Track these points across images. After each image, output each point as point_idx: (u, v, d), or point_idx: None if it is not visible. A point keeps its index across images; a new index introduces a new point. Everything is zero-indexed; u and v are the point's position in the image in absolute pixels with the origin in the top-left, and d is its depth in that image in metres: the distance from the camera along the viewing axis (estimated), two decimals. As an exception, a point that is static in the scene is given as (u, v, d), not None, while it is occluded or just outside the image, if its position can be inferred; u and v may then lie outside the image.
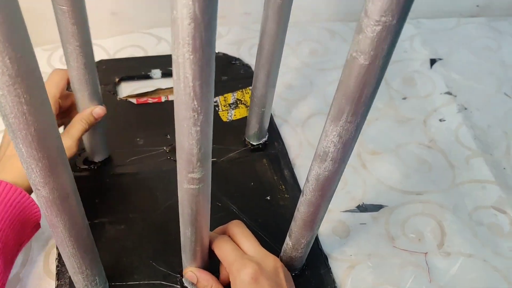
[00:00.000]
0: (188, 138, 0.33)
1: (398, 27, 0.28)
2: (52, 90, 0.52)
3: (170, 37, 0.84)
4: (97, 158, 0.60)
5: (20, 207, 0.45)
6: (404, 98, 0.76)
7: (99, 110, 0.53)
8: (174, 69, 0.29)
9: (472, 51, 0.87)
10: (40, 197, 0.34)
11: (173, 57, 0.28)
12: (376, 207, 0.60)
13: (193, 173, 0.36)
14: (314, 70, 0.80)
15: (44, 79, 0.76)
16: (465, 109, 0.75)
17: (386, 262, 0.55)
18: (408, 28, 0.90)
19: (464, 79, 0.81)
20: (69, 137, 0.51)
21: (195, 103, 0.30)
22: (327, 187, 0.39)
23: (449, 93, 0.78)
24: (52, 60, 0.77)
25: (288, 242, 0.48)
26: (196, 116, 0.31)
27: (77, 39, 0.47)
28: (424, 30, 0.90)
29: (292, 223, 0.46)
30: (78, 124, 0.52)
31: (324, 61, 0.82)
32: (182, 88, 0.29)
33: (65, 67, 0.75)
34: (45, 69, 0.75)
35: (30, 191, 0.47)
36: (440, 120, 0.73)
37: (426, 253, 0.56)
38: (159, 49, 0.81)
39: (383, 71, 0.31)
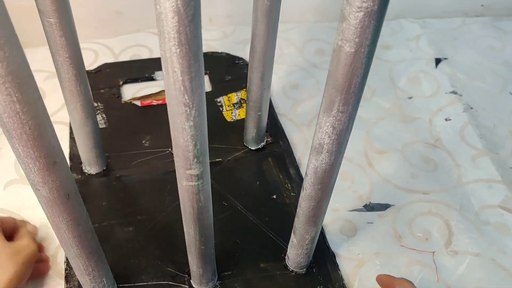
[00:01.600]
0: (183, 134, 0.33)
1: (380, 13, 0.28)
2: None
3: None
4: (93, 170, 0.60)
5: None
6: (410, 98, 0.76)
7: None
8: (163, 64, 0.29)
9: (477, 51, 0.86)
10: (41, 197, 0.35)
11: (161, 52, 0.29)
12: (383, 206, 0.60)
13: (190, 169, 0.36)
14: (320, 69, 0.80)
15: (48, 78, 0.76)
16: (471, 108, 0.75)
17: (393, 261, 0.55)
18: (413, 28, 0.90)
19: (469, 79, 0.80)
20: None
21: (186, 97, 0.31)
22: (325, 180, 0.39)
23: (454, 92, 0.77)
24: None
25: (293, 239, 0.48)
26: (188, 111, 0.32)
27: (66, 51, 0.47)
28: (430, 29, 0.90)
29: (296, 220, 0.46)
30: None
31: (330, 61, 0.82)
32: (172, 83, 0.30)
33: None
34: (50, 69, 0.75)
35: None
36: (446, 120, 0.72)
37: (433, 252, 0.55)
38: None
39: (369, 59, 0.31)
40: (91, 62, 0.77)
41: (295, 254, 0.50)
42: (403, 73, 0.80)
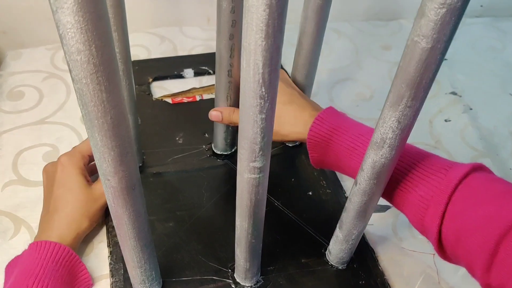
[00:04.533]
0: (253, 126, 0.34)
1: (462, 9, 0.29)
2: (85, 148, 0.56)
3: (174, 36, 0.86)
4: None
5: (68, 265, 0.47)
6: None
7: None
8: (244, 57, 0.30)
9: (476, 52, 0.87)
10: (109, 188, 0.35)
11: (244, 45, 0.29)
12: (384, 208, 0.60)
13: (255, 162, 0.36)
14: (320, 70, 0.79)
15: (47, 78, 0.75)
16: (471, 109, 0.75)
17: (394, 263, 0.54)
18: None
19: (469, 80, 0.81)
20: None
21: (263, 90, 0.31)
22: (382, 175, 0.40)
23: (454, 93, 0.78)
24: (56, 59, 0.79)
25: (339, 234, 0.49)
26: (262, 103, 0.32)
27: (117, 46, 0.48)
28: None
29: (343, 215, 0.47)
30: None
31: (330, 61, 0.83)
32: (251, 75, 0.30)
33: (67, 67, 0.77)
34: (48, 69, 0.77)
35: (74, 247, 0.49)
36: (446, 121, 0.73)
37: (434, 254, 0.55)
38: (163, 49, 0.83)
39: (443, 55, 0.32)
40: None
41: (339, 249, 0.50)
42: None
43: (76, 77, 0.28)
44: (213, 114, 0.57)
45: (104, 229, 0.55)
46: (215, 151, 0.64)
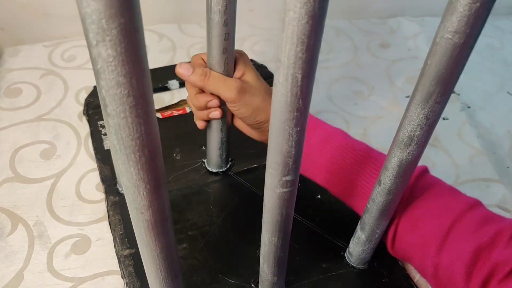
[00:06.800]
0: (288, 140, 0.33)
1: (492, 1, 0.29)
2: None
3: (173, 34, 0.85)
4: None
5: None
6: (408, 97, 0.77)
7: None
8: (281, 70, 0.29)
9: (475, 50, 0.88)
10: (142, 222, 0.34)
11: (282, 58, 0.28)
12: None
13: (288, 175, 0.36)
14: (319, 68, 0.79)
15: (44, 76, 0.74)
16: (469, 107, 0.76)
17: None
18: (412, 26, 0.92)
19: (467, 78, 0.82)
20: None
21: (301, 102, 0.30)
22: (408, 172, 0.40)
23: (452, 91, 0.79)
24: (53, 56, 0.78)
25: (361, 235, 0.48)
26: (299, 116, 0.31)
27: None
28: (428, 28, 0.92)
29: (366, 216, 0.46)
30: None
31: (329, 59, 0.83)
32: (289, 89, 0.29)
33: (66, 64, 0.75)
34: (46, 66, 0.76)
35: None
36: (444, 119, 0.74)
37: None
38: (162, 46, 0.81)
39: (472, 49, 0.32)
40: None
41: (361, 250, 0.50)
42: (401, 71, 0.82)
43: (113, 112, 0.26)
44: (183, 68, 0.50)
45: (101, 225, 0.55)
46: (209, 169, 0.61)
